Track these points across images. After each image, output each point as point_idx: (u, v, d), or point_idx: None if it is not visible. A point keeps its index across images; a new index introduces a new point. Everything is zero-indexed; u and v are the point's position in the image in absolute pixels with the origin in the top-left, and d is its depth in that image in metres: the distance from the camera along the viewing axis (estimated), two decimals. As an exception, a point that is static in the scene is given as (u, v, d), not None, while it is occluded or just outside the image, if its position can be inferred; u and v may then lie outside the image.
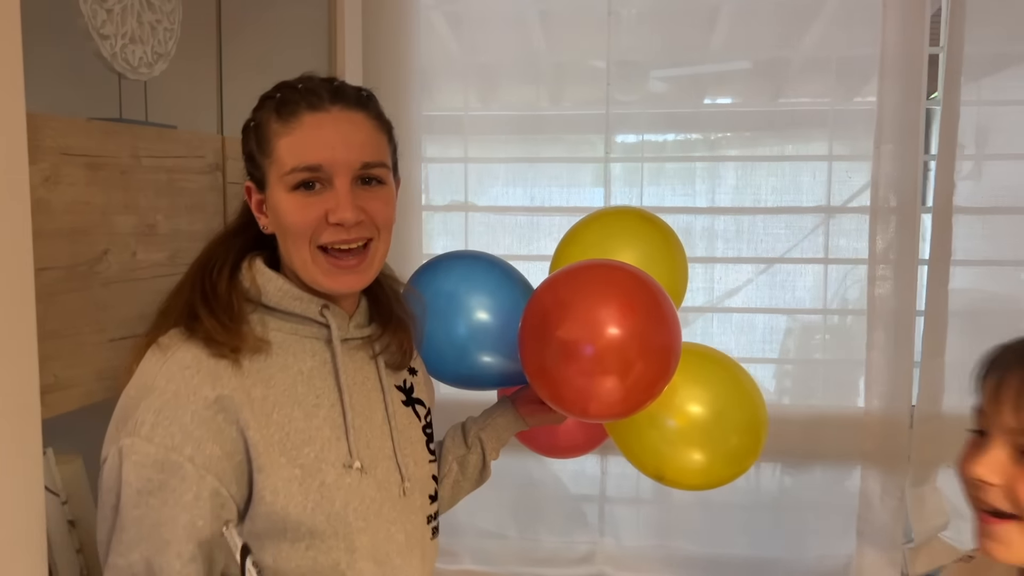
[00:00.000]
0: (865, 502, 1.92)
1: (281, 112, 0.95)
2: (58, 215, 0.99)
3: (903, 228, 1.85)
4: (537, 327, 1.11)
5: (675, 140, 2.06)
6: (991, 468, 0.83)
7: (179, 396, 0.88)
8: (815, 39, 1.94)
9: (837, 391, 2.01)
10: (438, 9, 2.03)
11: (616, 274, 1.14)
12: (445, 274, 1.26)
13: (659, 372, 1.11)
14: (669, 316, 1.12)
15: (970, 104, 1.85)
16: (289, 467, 0.91)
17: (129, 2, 1.31)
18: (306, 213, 0.93)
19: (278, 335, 0.97)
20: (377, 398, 1.03)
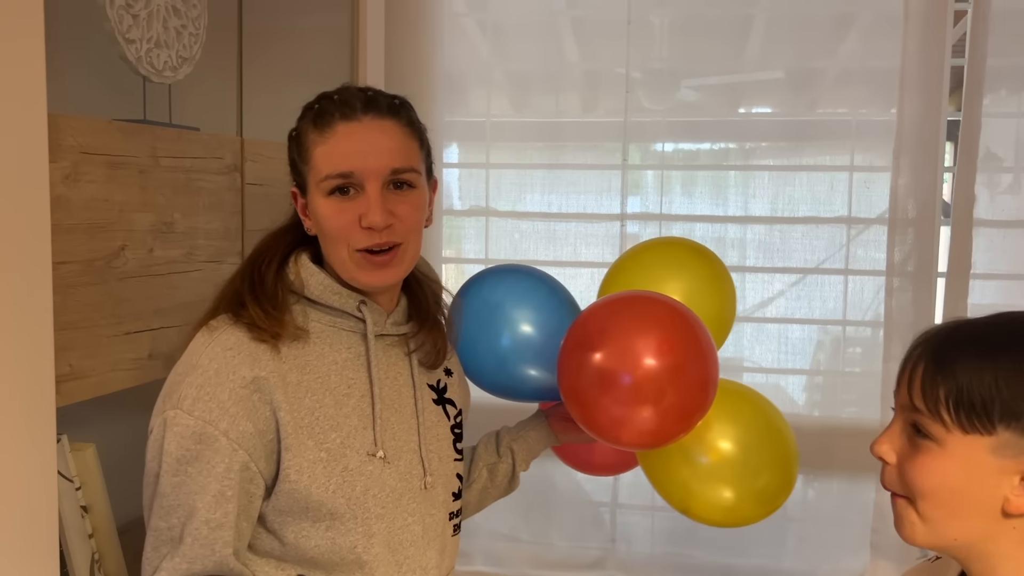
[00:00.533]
0: (880, 515, 1.90)
1: (317, 122, 1.01)
2: (77, 211, 1.04)
3: (921, 240, 1.84)
4: (576, 351, 1.13)
5: (697, 150, 2.07)
6: (889, 446, 0.86)
7: (220, 374, 0.95)
8: (842, 51, 1.94)
9: (854, 402, 2.00)
10: (463, 16, 2.06)
11: (657, 306, 1.16)
12: (493, 285, 1.30)
13: (693, 406, 1.13)
14: (707, 351, 1.15)
15: (1011, 116, 1.84)
16: (315, 449, 0.97)
17: (155, 8, 1.36)
18: (341, 217, 1.00)
19: (317, 326, 1.03)
20: (408, 393, 1.08)
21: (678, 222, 2.01)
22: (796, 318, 1.98)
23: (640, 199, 2.06)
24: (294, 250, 1.06)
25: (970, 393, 0.79)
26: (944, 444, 0.81)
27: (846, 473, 2.01)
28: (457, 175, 2.14)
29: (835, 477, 2.03)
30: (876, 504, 1.91)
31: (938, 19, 1.79)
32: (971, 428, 0.80)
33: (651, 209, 2.03)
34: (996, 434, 0.79)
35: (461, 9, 2.06)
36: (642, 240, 2.06)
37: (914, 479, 0.83)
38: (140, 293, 1.15)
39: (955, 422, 0.80)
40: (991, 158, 1.87)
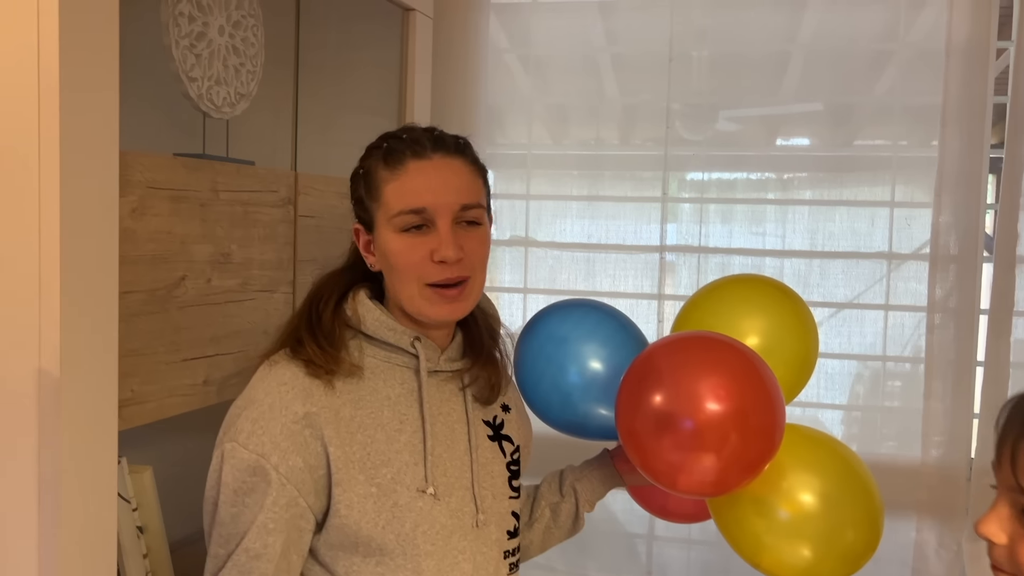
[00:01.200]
0: (920, 554, 1.89)
1: (388, 160, 1.04)
2: (142, 243, 1.08)
3: (963, 276, 1.83)
4: (634, 392, 1.10)
5: (735, 180, 2.09)
6: (996, 526, 0.82)
7: (273, 409, 0.98)
8: (881, 86, 1.95)
9: (894, 437, 1.99)
10: (506, 52, 2.11)
11: (722, 348, 1.11)
12: (560, 320, 1.28)
13: (756, 455, 1.08)
14: (773, 397, 1.09)
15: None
16: (366, 484, 0.99)
17: (216, 47, 1.42)
18: (413, 253, 1.02)
19: (373, 361, 1.05)
20: (461, 430, 1.08)
21: (717, 254, 2.03)
22: (835, 352, 1.98)
23: (678, 228, 2.08)
24: (352, 287, 1.09)
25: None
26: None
27: (886, 511, 1.99)
28: (497, 205, 2.18)
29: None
30: (916, 543, 1.89)
31: (980, 55, 1.80)
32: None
33: (690, 240, 2.05)
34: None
35: (504, 45, 2.11)
36: (680, 271, 2.09)
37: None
38: (198, 321, 1.19)
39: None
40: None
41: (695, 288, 2.05)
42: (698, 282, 2.05)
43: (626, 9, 2.07)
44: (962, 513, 1.85)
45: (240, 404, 1.01)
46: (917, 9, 1.90)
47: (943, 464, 1.85)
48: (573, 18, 2.10)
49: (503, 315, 2.15)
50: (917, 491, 1.87)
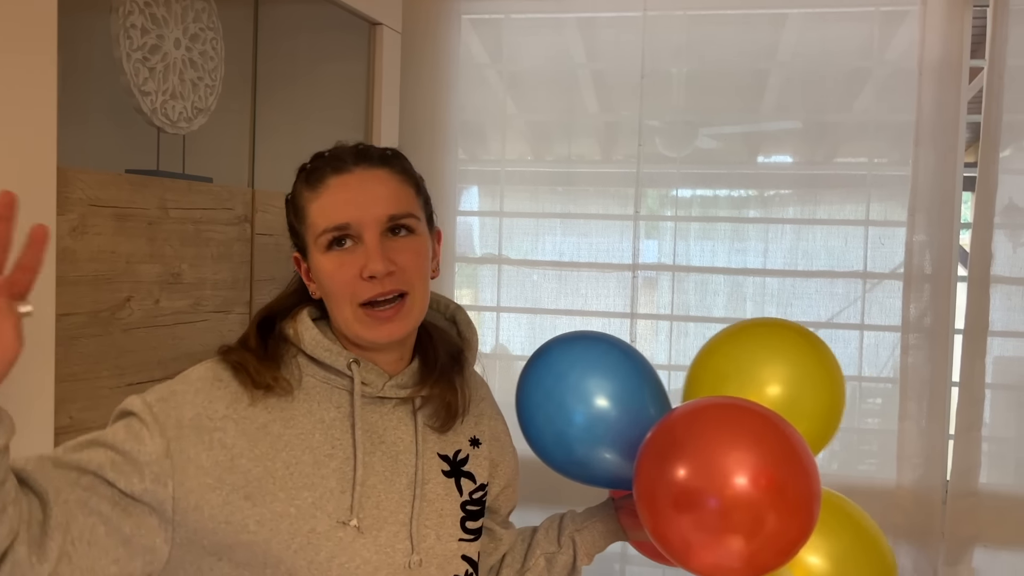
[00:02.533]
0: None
1: (310, 179, 1.00)
2: (83, 263, 1.04)
3: (937, 296, 1.81)
4: (655, 459, 1.02)
5: (715, 196, 2.06)
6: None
7: (199, 394, 0.93)
8: (858, 105, 1.94)
9: (874, 455, 1.97)
10: (486, 67, 2.09)
11: (757, 421, 1.02)
12: (562, 353, 1.18)
13: (790, 540, 0.98)
14: (812, 481, 0.99)
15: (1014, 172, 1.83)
16: (285, 504, 0.93)
17: (172, 61, 1.38)
18: (342, 272, 0.96)
19: (311, 381, 0.99)
20: (407, 461, 1.01)
21: (692, 273, 2.00)
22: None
23: (657, 245, 2.06)
24: (299, 306, 1.04)
25: None
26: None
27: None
28: (477, 223, 2.15)
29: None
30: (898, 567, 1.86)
31: (952, 74, 1.79)
32: None
33: (665, 259, 2.02)
34: None
35: (484, 60, 2.09)
36: (658, 287, 2.06)
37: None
38: (144, 344, 1.15)
39: None
40: (1015, 212, 1.85)
41: (671, 307, 2.03)
42: (673, 301, 2.02)
43: (604, 26, 2.05)
44: (938, 537, 1.82)
45: (176, 379, 0.96)
46: (892, 28, 1.89)
47: (918, 487, 1.83)
48: (551, 34, 2.08)
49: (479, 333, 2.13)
50: (893, 515, 1.84)
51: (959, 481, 1.81)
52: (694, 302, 2.01)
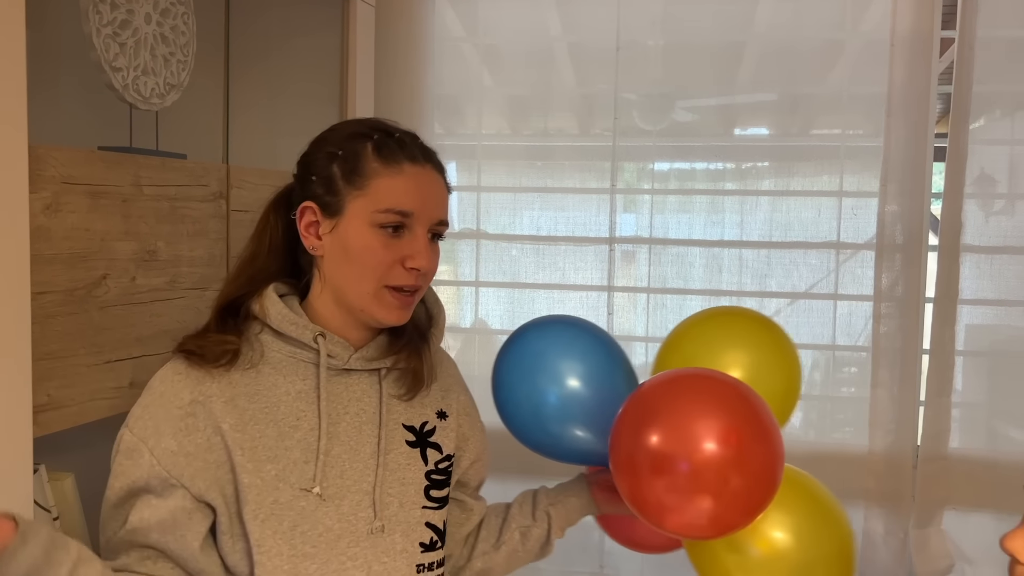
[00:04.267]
0: (868, 542, 1.90)
1: (382, 153, 1.01)
2: (57, 241, 1.04)
3: (908, 265, 1.84)
4: (632, 429, 1.08)
5: (692, 169, 2.08)
6: (1021, 543, 0.81)
7: (164, 396, 0.99)
8: (832, 77, 1.95)
9: (849, 423, 2.00)
10: (462, 41, 2.07)
11: (725, 389, 1.10)
12: (538, 336, 1.25)
13: (750, 503, 1.06)
14: (775, 447, 1.09)
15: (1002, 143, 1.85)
16: (252, 475, 0.98)
17: (143, 36, 1.37)
18: (385, 252, 1.00)
19: (277, 355, 1.03)
20: (371, 431, 1.04)
21: (669, 245, 2.02)
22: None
23: (635, 218, 2.07)
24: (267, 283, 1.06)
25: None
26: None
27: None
28: (454, 198, 2.15)
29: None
30: (864, 531, 1.90)
31: (923, 46, 1.80)
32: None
33: (642, 232, 2.03)
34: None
35: (458, 33, 2.08)
36: (636, 260, 2.08)
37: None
38: (121, 322, 1.15)
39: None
40: (987, 181, 1.88)
41: (648, 280, 2.04)
42: (650, 274, 2.04)
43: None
44: (908, 501, 1.87)
45: (141, 394, 1.02)
46: (865, 0, 1.90)
47: (890, 452, 1.86)
48: (527, 7, 2.07)
49: (455, 309, 2.13)
50: (865, 479, 1.88)
51: (929, 446, 1.85)
52: (671, 274, 2.03)
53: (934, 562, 1.87)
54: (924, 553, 1.87)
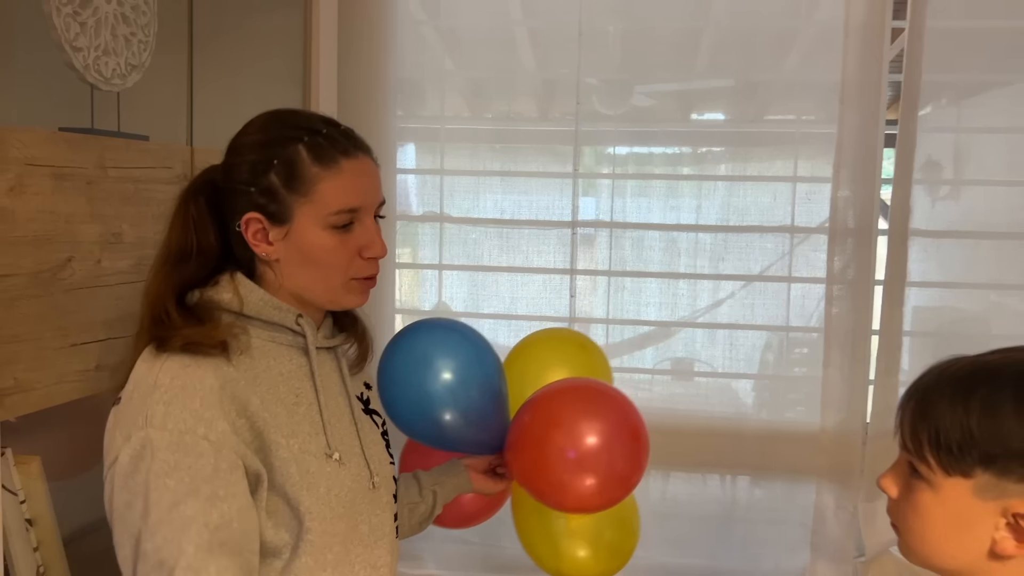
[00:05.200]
0: (819, 516, 1.97)
1: (318, 155, 1.02)
2: (22, 223, 1.03)
3: (860, 249, 1.90)
4: (536, 434, 1.32)
5: (651, 154, 2.11)
6: (892, 480, 0.87)
7: (186, 388, 0.95)
8: (787, 64, 1.99)
9: (802, 402, 2.06)
10: (423, 24, 2.07)
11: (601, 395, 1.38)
12: (426, 337, 1.35)
13: None
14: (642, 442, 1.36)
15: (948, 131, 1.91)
16: (285, 449, 1.00)
17: (104, 16, 1.35)
18: (343, 250, 1.04)
19: (257, 341, 1.04)
20: (343, 402, 1.12)
21: (629, 229, 2.05)
22: (742, 323, 2.04)
23: (595, 202, 2.10)
24: (215, 273, 1.06)
25: (946, 436, 0.80)
26: (933, 485, 0.82)
27: (788, 475, 2.07)
28: (415, 181, 2.15)
29: (777, 479, 2.09)
30: (815, 506, 1.97)
31: (876, 35, 1.85)
32: (952, 470, 0.81)
33: (602, 215, 2.06)
34: (975, 476, 0.80)
35: (420, 16, 2.07)
36: (596, 243, 2.11)
37: (910, 517, 0.85)
38: (87, 304, 1.15)
39: (938, 464, 0.81)
40: (933, 168, 1.94)
41: (608, 263, 2.08)
42: (611, 257, 2.07)
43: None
44: (858, 476, 1.94)
45: (137, 397, 0.96)
46: (821, -11, 1.94)
47: (841, 429, 1.93)
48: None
49: (417, 292, 2.15)
50: (817, 456, 1.94)
51: (878, 423, 1.92)
52: (631, 258, 2.07)
53: (881, 534, 1.94)
54: (872, 526, 1.95)
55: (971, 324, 1.99)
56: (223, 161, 1.07)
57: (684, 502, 2.13)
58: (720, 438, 2.02)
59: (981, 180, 1.95)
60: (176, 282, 1.03)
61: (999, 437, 0.79)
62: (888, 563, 1.97)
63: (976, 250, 1.94)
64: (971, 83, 1.91)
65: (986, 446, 0.79)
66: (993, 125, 1.95)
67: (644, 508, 2.05)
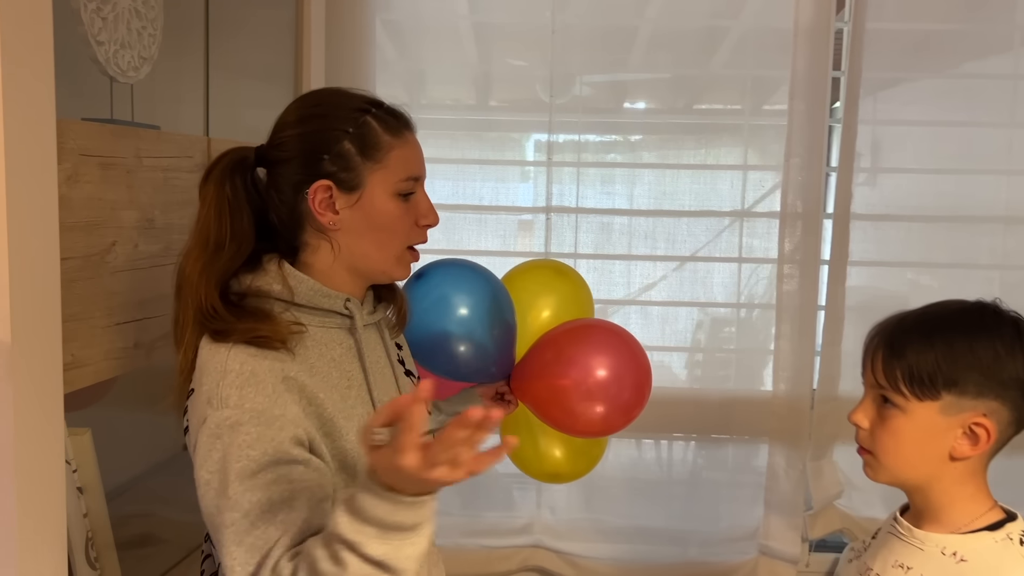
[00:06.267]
0: (771, 475, 2.15)
1: (389, 127, 1.10)
2: (77, 210, 1.10)
3: (808, 232, 2.08)
4: (550, 367, 1.50)
5: (599, 142, 2.24)
6: (863, 414, 1.08)
7: (256, 374, 0.99)
8: (735, 59, 2.15)
9: (748, 376, 2.24)
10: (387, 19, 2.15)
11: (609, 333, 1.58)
12: (441, 278, 1.47)
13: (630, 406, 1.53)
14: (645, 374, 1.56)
15: (867, 122, 2.10)
16: (346, 437, 1.05)
17: (121, 10, 1.41)
18: (407, 217, 1.10)
19: (309, 329, 1.07)
20: (388, 373, 1.18)
21: (587, 214, 2.18)
22: (698, 301, 2.20)
23: (531, 189, 2.21)
24: (254, 258, 1.08)
25: (919, 370, 1.02)
26: (906, 411, 1.04)
27: (741, 439, 2.25)
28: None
29: (731, 443, 2.27)
30: (768, 466, 2.16)
31: (822, 34, 2.03)
32: (924, 396, 1.03)
33: (566, 200, 2.18)
34: (942, 399, 1.02)
35: (385, 14, 2.14)
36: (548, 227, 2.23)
37: (885, 440, 1.05)
38: (127, 286, 1.22)
39: (911, 393, 1.03)
40: (871, 157, 2.14)
41: (545, 249, 2.20)
42: (577, 240, 2.20)
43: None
44: (806, 437, 2.13)
45: (209, 381, 0.99)
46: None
47: (790, 395, 2.12)
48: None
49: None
50: (769, 420, 2.13)
51: (824, 389, 2.11)
52: (588, 242, 2.20)
53: (827, 489, 2.15)
54: (819, 482, 2.15)
55: (890, 300, 2.19)
56: (271, 137, 1.10)
57: (648, 467, 2.29)
58: (680, 406, 2.19)
59: (911, 168, 2.15)
60: (217, 272, 1.04)
61: (959, 365, 1.01)
62: (832, 514, 2.17)
63: (890, 232, 2.14)
64: (885, 79, 2.11)
65: (949, 373, 1.02)
66: (905, 118, 2.15)
67: (613, 475, 2.22)
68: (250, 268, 1.08)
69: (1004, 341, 1.02)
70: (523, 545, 2.21)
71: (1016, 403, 1.02)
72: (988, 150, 2.11)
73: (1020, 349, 1.02)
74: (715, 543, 2.21)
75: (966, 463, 1.04)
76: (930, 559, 1.05)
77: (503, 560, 2.20)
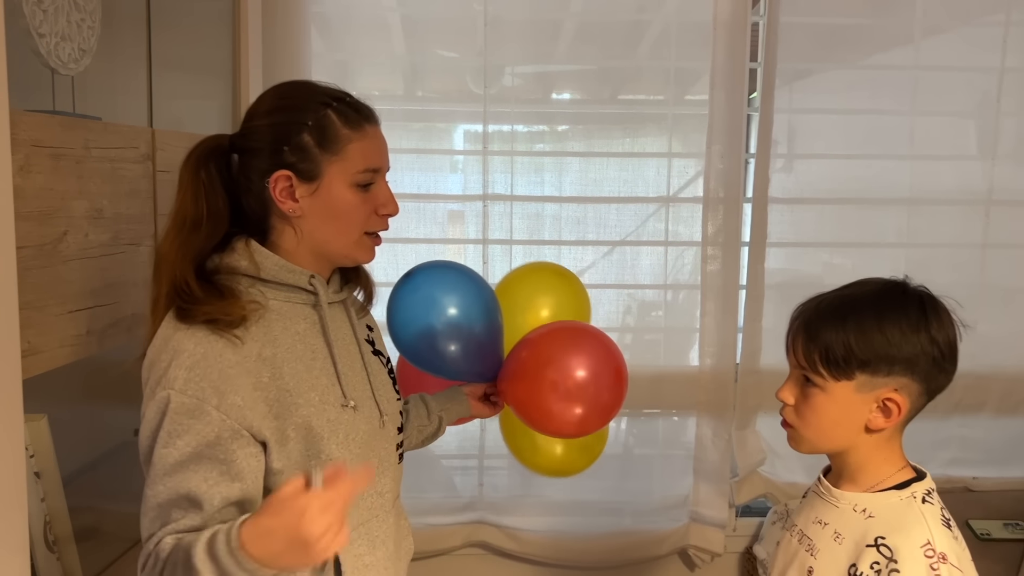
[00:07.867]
0: (700, 445, 2.28)
1: (347, 119, 1.14)
2: (30, 200, 1.12)
3: (729, 216, 2.20)
4: (532, 368, 1.49)
5: (528, 132, 2.32)
6: (789, 392, 1.17)
7: (207, 357, 1.05)
8: (658, 51, 2.25)
9: (676, 353, 2.35)
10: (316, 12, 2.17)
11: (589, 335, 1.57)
12: (436, 279, 1.49)
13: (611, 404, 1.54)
14: (622, 374, 1.56)
15: (783, 111, 2.23)
16: (305, 407, 1.11)
17: (60, 3, 1.42)
18: (364, 206, 1.16)
19: (274, 303, 1.14)
20: (354, 350, 1.23)
21: (521, 202, 2.25)
22: (626, 284, 2.30)
23: (463, 178, 2.27)
24: (227, 240, 1.14)
25: (833, 353, 1.10)
26: (825, 389, 1.12)
27: (671, 412, 2.37)
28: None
29: (661, 417, 2.39)
30: (696, 436, 2.28)
31: (740, 27, 2.14)
32: (840, 376, 1.11)
33: (499, 189, 2.25)
34: (856, 378, 1.10)
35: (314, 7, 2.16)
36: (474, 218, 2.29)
37: (808, 415, 1.14)
38: (79, 274, 1.24)
39: (828, 374, 1.11)
40: (786, 144, 2.27)
41: (483, 236, 2.26)
42: (512, 226, 2.27)
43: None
44: (731, 409, 2.26)
45: (164, 356, 1.06)
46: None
47: (716, 369, 2.24)
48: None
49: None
50: (697, 393, 2.25)
51: (746, 363, 2.24)
52: (521, 228, 2.27)
53: (751, 457, 2.28)
54: (744, 450, 2.28)
55: (806, 278, 2.33)
56: (242, 127, 1.16)
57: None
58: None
59: (824, 155, 2.29)
60: (193, 251, 1.10)
61: (870, 347, 1.10)
62: (757, 481, 2.31)
63: (805, 215, 2.28)
64: (799, 70, 2.24)
65: (861, 355, 1.10)
66: (818, 107, 2.30)
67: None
68: (221, 249, 1.15)
69: (910, 319, 1.10)
70: (467, 522, 2.29)
71: (924, 376, 1.11)
72: (893, 136, 2.26)
73: (924, 326, 1.10)
74: (648, 512, 2.32)
75: (881, 432, 1.14)
76: (843, 515, 1.15)
77: (448, 537, 2.27)
